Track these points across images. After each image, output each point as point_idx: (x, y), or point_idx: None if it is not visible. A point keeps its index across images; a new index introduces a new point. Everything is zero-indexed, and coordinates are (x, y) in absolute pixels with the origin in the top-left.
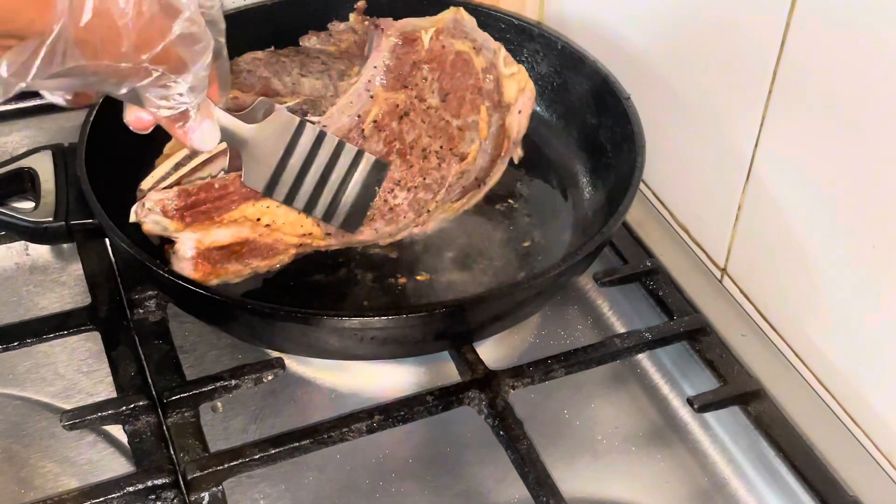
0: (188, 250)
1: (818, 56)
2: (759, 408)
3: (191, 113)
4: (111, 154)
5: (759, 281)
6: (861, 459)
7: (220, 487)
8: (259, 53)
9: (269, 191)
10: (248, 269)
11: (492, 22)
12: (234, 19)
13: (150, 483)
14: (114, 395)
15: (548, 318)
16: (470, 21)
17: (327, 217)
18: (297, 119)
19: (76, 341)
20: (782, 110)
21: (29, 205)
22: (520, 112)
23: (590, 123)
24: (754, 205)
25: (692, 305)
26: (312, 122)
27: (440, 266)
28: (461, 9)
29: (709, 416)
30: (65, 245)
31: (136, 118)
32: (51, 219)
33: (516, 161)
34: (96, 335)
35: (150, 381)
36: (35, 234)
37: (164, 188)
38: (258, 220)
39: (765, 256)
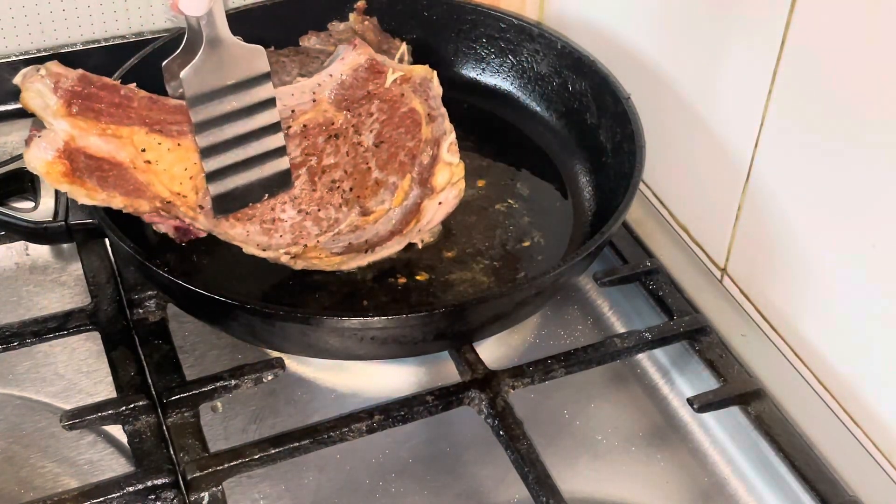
0: (57, 140)
1: (818, 56)
2: (759, 408)
3: None
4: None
5: (759, 281)
6: (861, 459)
7: (220, 487)
8: None
9: (193, 103)
10: (103, 195)
11: (492, 22)
12: (235, 19)
13: (150, 483)
14: (114, 395)
15: (548, 318)
16: (437, 89)
17: (212, 177)
18: (268, 69)
19: (76, 341)
20: (782, 110)
21: (29, 205)
22: (440, 204)
23: (590, 123)
24: (754, 205)
25: (692, 305)
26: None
27: (440, 266)
28: (434, 73)
29: (709, 416)
30: (65, 245)
31: None
32: (50, 219)
33: (420, 247)
34: (96, 335)
35: (150, 381)
36: (35, 234)
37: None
38: (143, 150)
39: (765, 256)
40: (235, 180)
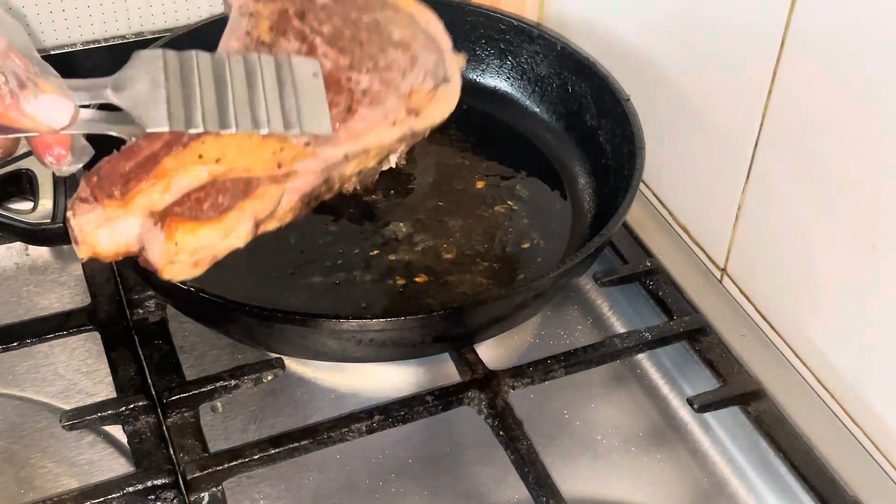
0: (159, 242)
1: (818, 56)
2: (759, 408)
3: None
4: (110, 154)
5: (759, 281)
6: (861, 459)
7: (220, 487)
8: None
9: (187, 123)
10: (245, 215)
11: (491, 23)
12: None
13: (149, 483)
14: (114, 395)
15: (548, 319)
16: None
17: (287, 126)
18: (160, 50)
19: (76, 341)
20: (782, 110)
21: (27, 206)
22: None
23: (589, 125)
24: (754, 205)
25: (692, 305)
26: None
27: (439, 268)
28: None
29: (709, 416)
30: (64, 245)
31: None
32: (49, 220)
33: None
34: (96, 335)
35: (149, 381)
36: (33, 235)
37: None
38: (200, 156)
39: (765, 256)
40: (294, 106)
